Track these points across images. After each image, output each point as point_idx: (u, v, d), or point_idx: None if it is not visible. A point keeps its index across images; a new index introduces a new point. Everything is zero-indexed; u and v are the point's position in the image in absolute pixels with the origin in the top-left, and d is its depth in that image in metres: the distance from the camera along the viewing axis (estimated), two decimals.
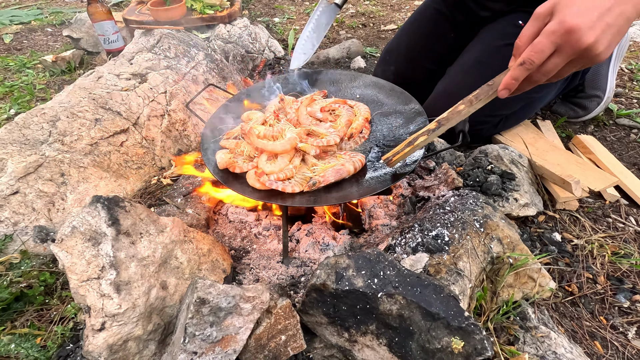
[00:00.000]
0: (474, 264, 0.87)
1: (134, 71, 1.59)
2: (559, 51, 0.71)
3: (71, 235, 0.73)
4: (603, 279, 1.12)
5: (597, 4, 0.68)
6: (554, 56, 0.72)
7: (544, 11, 0.73)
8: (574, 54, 0.70)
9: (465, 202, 1.00)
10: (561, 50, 0.71)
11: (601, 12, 0.68)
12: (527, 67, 0.73)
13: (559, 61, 0.72)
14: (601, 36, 0.68)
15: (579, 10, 0.68)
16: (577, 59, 0.72)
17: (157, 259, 0.81)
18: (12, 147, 1.13)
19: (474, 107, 0.84)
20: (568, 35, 0.68)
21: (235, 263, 1.10)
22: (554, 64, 0.72)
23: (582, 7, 0.68)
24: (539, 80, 0.76)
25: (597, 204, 1.33)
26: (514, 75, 0.75)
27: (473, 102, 0.84)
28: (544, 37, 0.70)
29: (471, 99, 0.84)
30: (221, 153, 1.07)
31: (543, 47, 0.71)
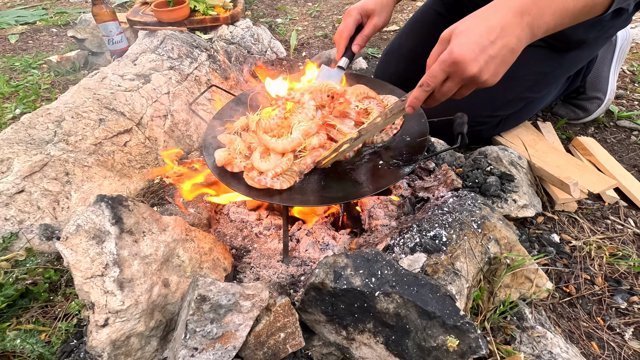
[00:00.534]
0: (471, 264, 0.89)
1: (137, 72, 1.61)
2: (450, 78, 0.80)
3: (76, 233, 0.75)
4: (601, 280, 1.13)
5: (482, 37, 0.75)
6: (447, 81, 0.81)
7: (445, 36, 0.82)
8: (462, 81, 0.79)
9: (463, 203, 1.01)
10: (452, 77, 0.80)
11: (485, 46, 0.75)
12: (425, 89, 0.83)
13: (452, 85, 0.81)
14: (484, 67, 0.77)
15: (466, 43, 0.75)
16: (467, 84, 0.81)
17: (160, 257, 0.83)
18: (18, 147, 1.15)
19: (389, 120, 0.95)
20: (455, 66, 0.76)
21: (236, 262, 1.12)
22: (448, 88, 0.82)
23: (469, 40, 0.75)
24: (440, 100, 0.86)
25: (596, 205, 1.34)
26: (416, 95, 0.85)
27: (388, 115, 0.94)
28: (437, 65, 0.79)
29: (386, 112, 0.94)
30: (220, 150, 1.09)
31: (436, 74, 0.80)
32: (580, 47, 1.35)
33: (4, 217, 1.06)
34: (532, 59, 1.36)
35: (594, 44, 1.37)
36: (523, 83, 1.41)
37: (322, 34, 2.76)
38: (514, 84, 1.41)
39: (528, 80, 1.40)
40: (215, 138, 1.17)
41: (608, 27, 1.30)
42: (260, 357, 0.74)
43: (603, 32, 1.30)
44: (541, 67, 1.38)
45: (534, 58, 1.36)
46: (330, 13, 3.15)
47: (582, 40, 1.30)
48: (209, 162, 1.08)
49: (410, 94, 0.87)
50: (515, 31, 0.77)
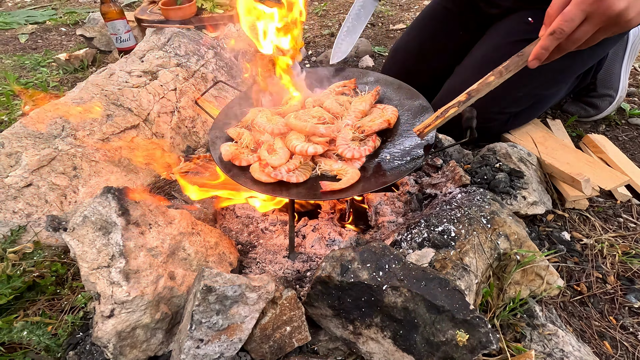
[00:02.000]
0: (480, 260, 0.87)
1: (145, 69, 1.62)
2: (589, 19, 0.71)
3: (82, 224, 0.75)
4: (613, 279, 1.11)
5: None
6: (584, 24, 0.72)
7: None
8: (604, 21, 0.70)
9: (472, 198, 0.99)
10: (591, 18, 0.71)
11: None
12: (557, 36, 0.73)
13: (588, 29, 0.72)
14: (634, 2, 0.68)
15: None
16: (607, 26, 0.72)
17: (166, 249, 0.83)
18: (27, 141, 1.16)
19: (503, 78, 0.85)
20: (599, 3, 0.68)
21: (241, 257, 1.11)
22: (584, 32, 0.73)
23: None
24: (568, 49, 0.77)
25: (607, 203, 1.31)
26: (544, 44, 0.75)
27: (503, 73, 0.84)
28: (574, 6, 0.70)
29: (501, 70, 0.84)
30: (226, 145, 1.09)
31: (573, 16, 0.71)
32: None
33: (13, 210, 1.06)
34: None
35: (606, 41, 1.34)
36: (534, 80, 1.39)
37: (329, 32, 2.76)
38: (525, 81, 1.39)
39: (539, 77, 1.38)
40: (222, 132, 1.17)
41: None
42: (266, 350, 0.73)
43: None
44: (552, 64, 1.35)
45: None
46: (337, 12, 3.15)
47: None
48: (215, 156, 1.08)
49: (535, 45, 0.78)
50: None
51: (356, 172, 0.99)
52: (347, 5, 3.30)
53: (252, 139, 1.15)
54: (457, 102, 0.89)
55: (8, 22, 2.96)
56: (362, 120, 1.12)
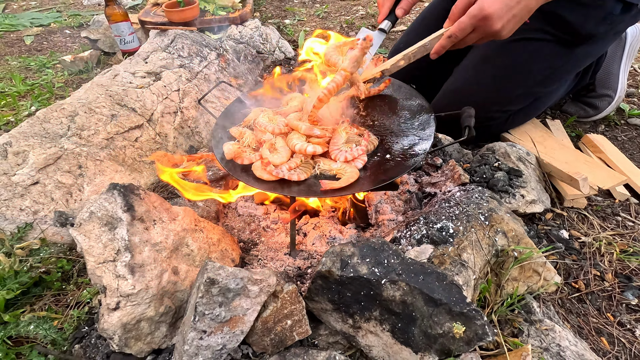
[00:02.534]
0: (478, 256, 0.89)
1: (148, 70, 1.64)
2: (476, 30, 0.93)
3: (89, 219, 0.77)
4: (611, 276, 1.12)
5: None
6: (472, 33, 0.94)
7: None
8: (485, 34, 0.94)
9: (470, 196, 1.01)
10: (477, 30, 0.93)
11: (511, 5, 0.90)
12: (452, 40, 0.96)
13: (474, 37, 0.95)
14: (506, 24, 0.92)
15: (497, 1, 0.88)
16: (486, 37, 0.96)
17: (169, 245, 0.85)
18: (34, 140, 1.19)
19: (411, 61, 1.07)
20: (484, 21, 0.90)
21: (243, 254, 1.13)
22: (471, 39, 0.96)
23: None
24: (460, 46, 1.00)
25: (606, 202, 1.33)
26: (443, 44, 0.98)
27: (411, 58, 1.07)
28: (468, 18, 0.91)
29: (410, 56, 1.07)
30: (229, 144, 1.11)
31: (465, 27, 0.92)
32: (589, 41, 1.34)
33: (20, 207, 1.09)
34: (541, 54, 1.36)
35: (603, 39, 1.36)
36: (532, 78, 1.40)
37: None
38: (523, 79, 1.40)
39: (537, 75, 1.40)
40: (224, 131, 1.19)
41: (617, 22, 1.29)
42: (267, 343, 0.75)
43: (612, 26, 1.30)
44: (550, 61, 1.38)
45: (543, 52, 1.36)
46: (338, 14, 3.17)
47: (591, 35, 1.29)
48: (217, 155, 1.09)
49: (438, 39, 1.00)
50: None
51: (355, 171, 1.00)
52: (348, 7, 3.32)
53: (254, 138, 1.17)
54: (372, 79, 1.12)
55: (14, 25, 3.00)
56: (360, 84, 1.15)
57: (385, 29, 1.20)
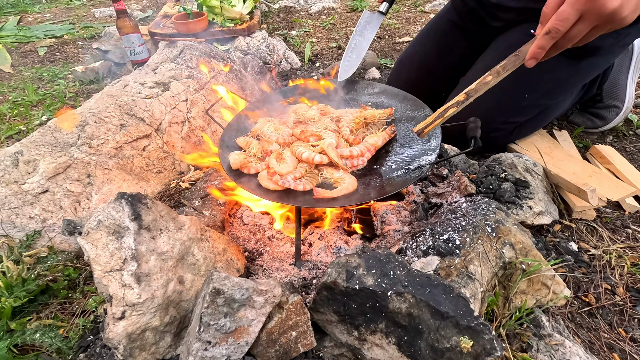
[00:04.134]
0: (485, 268, 0.87)
1: (157, 80, 1.67)
2: (584, 18, 0.72)
3: (97, 228, 0.78)
4: (622, 290, 1.10)
5: None
6: (578, 23, 0.73)
7: None
8: (598, 19, 0.72)
9: (477, 207, 1.00)
10: (586, 17, 0.72)
11: None
12: (552, 35, 0.75)
13: (583, 27, 0.74)
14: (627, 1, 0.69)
15: None
16: (602, 24, 0.73)
17: (175, 254, 0.85)
18: (44, 149, 1.21)
19: (501, 77, 0.87)
20: (592, 2, 0.70)
21: (248, 264, 1.13)
22: (579, 31, 0.75)
23: None
24: (565, 46, 0.78)
25: (615, 214, 1.31)
26: (540, 44, 0.77)
27: (500, 72, 0.86)
28: (568, 6, 0.72)
29: (498, 70, 0.86)
30: (235, 154, 1.12)
31: (568, 15, 0.72)
32: (595, 54, 1.34)
33: (29, 215, 1.10)
34: (547, 65, 1.36)
35: (609, 51, 1.36)
36: (538, 89, 1.40)
37: (336, 45, 2.81)
38: (529, 90, 1.40)
39: (543, 86, 1.40)
40: (231, 141, 1.20)
41: (624, 34, 1.29)
42: (272, 355, 0.74)
43: (619, 39, 1.30)
44: (556, 73, 1.38)
45: (549, 64, 1.36)
46: (344, 25, 3.21)
47: (597, 47, 1.29)
48: (224, 165, 1.10)
49: (531, 44, 0.80)
50: None
51: (352, 182, 1.01)
52: (354, 19, 3.36)
53: (260, 148, 1.18)
54: (455, 102, 0.90)
55: (28, 36, 3.08)
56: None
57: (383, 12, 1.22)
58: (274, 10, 3.61)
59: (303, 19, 3.44)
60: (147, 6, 3.88)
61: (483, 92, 0.89)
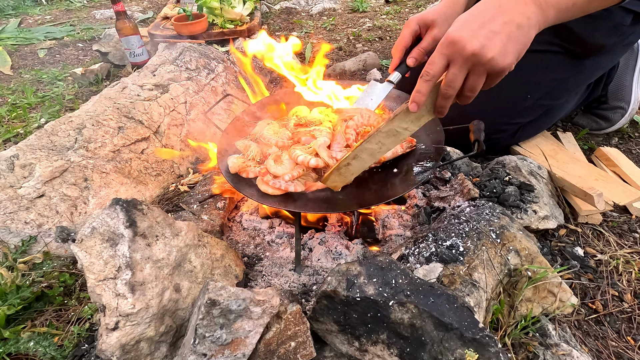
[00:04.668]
0: (490, 276, 0.85)
1: (156, 82, 1.66)
2: (452, 62, 0.73)
3: (91, 235, 0.76)
4: (630, 297, 1.07)
5: (478, 17, 0.72)
6: (450, 68, 0.74)
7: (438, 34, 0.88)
8: (465, 62, 0.72)
9: (481, 212, 0.98)
10: (454, 61, 0.73)
11: (482, 22, 0.71)
12: (425, 78, 0.76)
13: (456, 72, 0.73)
14: (486, 42, 0.69)
15: (461, 23, 0.72)
16: (475, 68, 0.73)
17: (172, 261, 0.83)
18: (41, 153, 1.19)
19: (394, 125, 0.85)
20: (453, 46, 0.71)
21: (247, 270, 1.11)
22: (453, 75, 0.74)
23: (464, 21, 0.73)
24: (449, 95, 0.77)
25: (622, 218, 1.28)
26: (418, 88, 0.77)
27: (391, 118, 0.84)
28: (436, 50, 0.74)
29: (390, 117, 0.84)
30: (233, 157, 1.10)
31: (435, 59, 0.74)
32: (599, 53, 1.32)
33: (24, 220, 1.08)
34: (549, 65, 1.34)
35: (613, 50, 1.34)
36: (540, 89, 1.38)
37: (337, 46, 2.79)
38: (531, 90, 1.38)
39: (545, 86, 1.37)
40: (230, 145, 1.18)
41: (628, 33, 1.26)
42: None
43: (623, 38, 1.27)
44: (559, 73, 1.35)
45: (552, 64, 1.33)
46: (345, 26, 3.19)
47: (600, 46, 1.27)
48: (222, 168, 1.08)
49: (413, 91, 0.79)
50: (517, 7, 0.72)
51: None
52: (355, 20, 3.35)
53: (259, 151, 1.16)
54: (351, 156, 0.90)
55: (28, 38, 3.07)
56: None
57: (393, 81, 1.08)
58: (274, 12, 3.59)
59: (304, 19, 3.42)
60: (148, 7, 3.87)
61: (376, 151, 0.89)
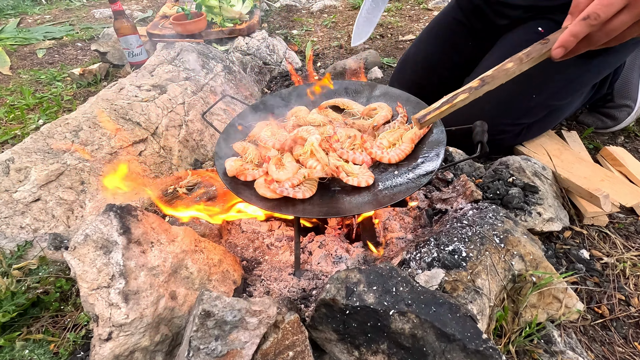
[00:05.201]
0: (494, 282, 0.83)
1: (154, 83, 1.63)
2: (631, 6, 0.63)
3: (84, 243, 0.74)
4: (637, 301, 1.04)
5: None
6: (622, 12, 0.64)
7: None
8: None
9: (484, 215, 0.96)
10: (633, 6, 0.63)
11: None
12: (591, 22, 0.65)
13: (626, 19, 0.64)
14: None
15: None
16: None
17: (167, 268, 0.81)
18: (36, 156, 1.17)
19: (524, 65, 0.77)
20: None
21: (246, 274, 1.09)
22: (621, 22, 0.65)
23: None
24: (599, 41, 0.68)
25: (629, 219, 1.25)
26: (574, 31, 0.67)
27: (523, 60, 0.76)
28: None
29: (521, 57, 0.76)
30: (231, 160, 1.08)
31: (613, 0, 0.63)
32: (606, 51, 1.28)
33: (20, 225, 1.07)
34: (556, 65, 1.30)
35: (621, 49, 1.30)
36: (546, 90, 1.35)
37: (337, 44, 2.76)
38: (536, 91, 1.35)
39: (551, 86, 1.34)
40: (228, 146, 1.16)
41: None
42: None
43: None
44: (565, 73, 1.32)
45: (558, 64, 1.30)
46: (345, 24, 3.16)
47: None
48: (219, 171, 1.06)
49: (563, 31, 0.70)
50: None
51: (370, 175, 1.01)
52: (355, 17, 3.31)
53: (258, 153, 1.14)
54: (468, 88, 0.80)
55: (27, 38, 3.06)
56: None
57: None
58: (274, 9, 3.56)
59: (304, 17, 3.39)
60: (148, 6, 3.85)
61: (502, 81, 0.79)
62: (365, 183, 1.00)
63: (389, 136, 1.13)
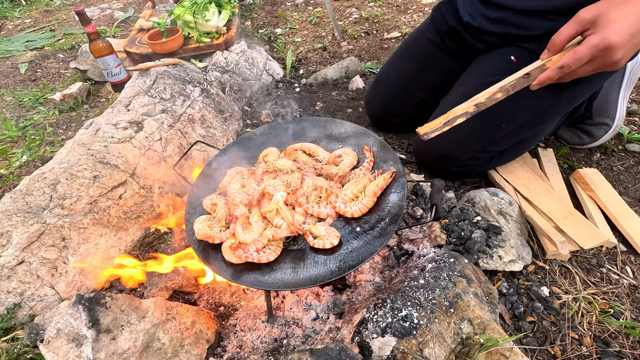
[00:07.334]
0: (442, 348, 0.89)
1: (130, 119, 1.65)
2: (592, 61, 0.84)
3: (57, 336, 0.81)
4: (589, 340, 1.11)
5: (631, 25, 0.80)
6: (586, 64, 0.85)
7: (587, 17, 0.84)
8: (603, 64, 0.85)
9: (438, 276, 1.00)
10: (594, 61, 0.84)
11: (632, 33, 0.81)
12: (565, 70, 0.86)
13: (589, 69, 0.86)
14: (627, 54, 0.83)
15: (619, 29, 0.80)
16: (601, 68, 0.86)
17: (139, 347, 0.88)
18: (17, 218, 1.23)
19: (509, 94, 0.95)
20: (605, 51, 0.82)
21: (221, 324, 1.17)
22: (584, 71, 0.87)
23: (621, 27, 0.80)
24: (564, 80, 0.90)
25: (591, 252, 1.29)
26: (550, 75, 0.88)
27: (509, 90, 0.94)
28: (586, 48, 0.83)
29: (508, 88, 0.94)
30: (199, 222, 1.12)
31: (582, 57, 0.83)
32: (578, 83, 1.26)
33: (7, 290, 1.14)
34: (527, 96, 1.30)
35: (595, 78, 1.28)
36: (516, 120, 1.35)
37: (321, 45, 2.70)
38: (506, 121, 1.35)
39: (522, 117, 1.34)
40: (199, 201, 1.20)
41: None
42: None
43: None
44: (535, 104, 1.31)
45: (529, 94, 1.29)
46: (331, 19, 3.06)
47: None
48: (189, 234, 1.11)
49: (540, 68, 0.90)
50: None
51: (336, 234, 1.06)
52: (341, 10, 3.20)
53: (227, 210, 1.17)
54: (464, 113, 0.95)
55: (8, 50, 3.02)
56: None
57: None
58: (259, 3, 3.44)
59: (289, 11, 3.28)
60: (129, 4, 3.74)
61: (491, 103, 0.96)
62: (330, 245, 1.04)
63: (353, 187, 1.16)
